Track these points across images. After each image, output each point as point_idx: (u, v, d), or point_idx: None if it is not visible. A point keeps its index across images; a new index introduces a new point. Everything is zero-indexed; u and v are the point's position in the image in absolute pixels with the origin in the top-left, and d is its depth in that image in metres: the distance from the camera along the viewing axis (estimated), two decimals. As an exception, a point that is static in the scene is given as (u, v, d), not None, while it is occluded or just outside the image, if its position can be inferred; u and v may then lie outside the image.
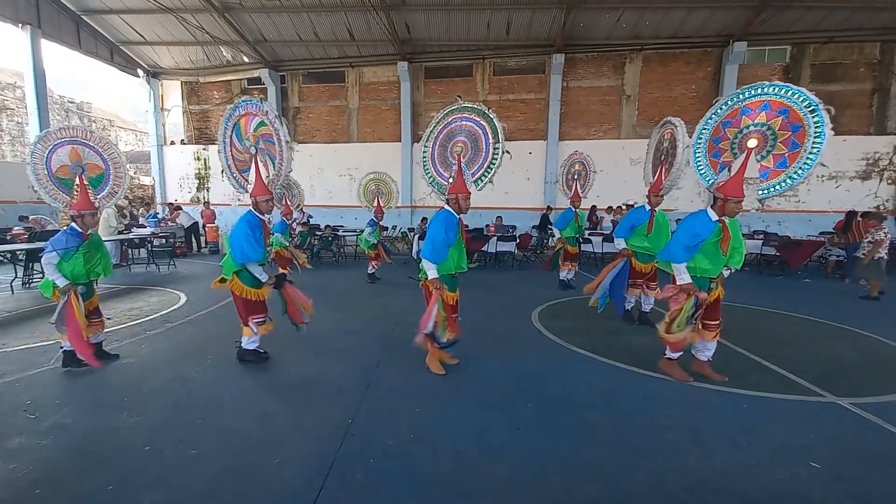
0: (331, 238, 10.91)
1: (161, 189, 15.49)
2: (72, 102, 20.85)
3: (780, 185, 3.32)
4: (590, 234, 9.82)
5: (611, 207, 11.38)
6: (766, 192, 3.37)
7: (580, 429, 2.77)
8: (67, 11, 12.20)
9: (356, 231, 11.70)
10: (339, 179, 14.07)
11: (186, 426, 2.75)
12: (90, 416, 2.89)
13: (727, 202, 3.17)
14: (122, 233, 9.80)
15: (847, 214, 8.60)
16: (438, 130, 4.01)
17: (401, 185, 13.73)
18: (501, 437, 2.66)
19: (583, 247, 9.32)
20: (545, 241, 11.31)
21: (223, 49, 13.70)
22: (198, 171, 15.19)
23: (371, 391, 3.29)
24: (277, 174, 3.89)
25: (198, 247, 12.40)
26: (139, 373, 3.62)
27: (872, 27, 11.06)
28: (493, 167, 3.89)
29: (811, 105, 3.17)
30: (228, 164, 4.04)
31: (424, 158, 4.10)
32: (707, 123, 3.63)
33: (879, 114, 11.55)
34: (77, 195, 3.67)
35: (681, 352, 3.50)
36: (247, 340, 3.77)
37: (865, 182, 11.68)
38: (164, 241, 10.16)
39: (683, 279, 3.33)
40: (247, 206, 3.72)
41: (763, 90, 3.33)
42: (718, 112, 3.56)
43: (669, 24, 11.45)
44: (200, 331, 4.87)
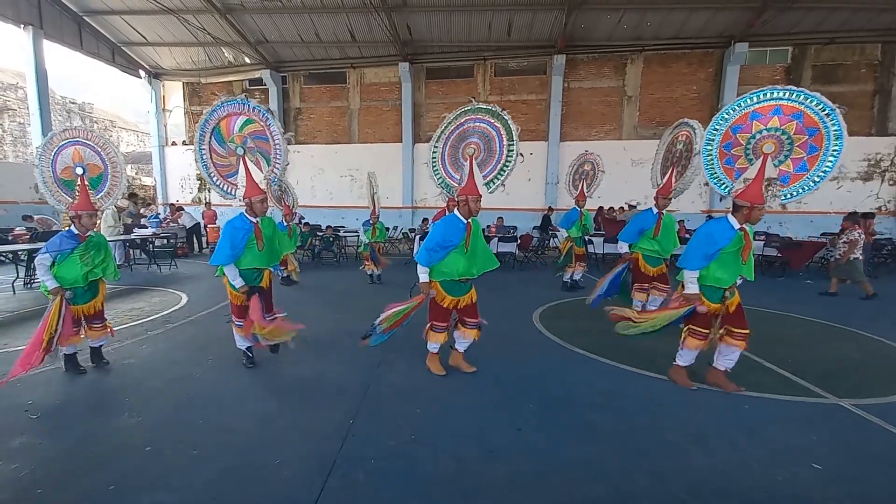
0: (332, 238, 10.92)
1: (162, 190, 15.53)
2: (73, 103, 20.92)
3: (803, 189, 3.24)
4: (593, 235, 9.79)
5: (612, 208, 11.38)
6: (788, 197, 3.28)
7: (581, 429, 2.77)
8: (69, 12, 12.25)
9: (357, 232, 11.74)
10: (340, 180, 14.11)
11: (187, 426, 2.76)
12: (91, 417, 2.89)
13: (753, 210, 3.06)
14: (125, 232, 9.82)
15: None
16: (450, 131, 3.85)
17: (401, 186, 13.81)
18: (502, 438, 2.66)
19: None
20: (546, 242, 11.31)
21: (225, 50, 13.74)
22: (199, 172, 15.22)
23: (372, 391, 3.29)
24: (273, 170, 3.79)
25: (199, 247, 12.42)
26: (140, 373, 3.63)
27: (873, 28, 11.06)
28: (507, 169, 3.76)
29: (825, 108, 3.10)
30: (209, 174, 3.91)
31: (434, 159, 3.94)
32: (715, 130, 3.50)
33: (881, 115, 11.55)
34: (78, 196, 3.63)
35: (692, 361, 3.39)
36: (237, 338, 3.74)
37: (867, 183, 11.68)
38: (166, 242, 10.17)
39: (691, 289, 3.23)
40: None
41: (773, 94, 3.24)
42: (726, 117, 3.43)
43: (671, 25, 11.46)
44: (201, 331, 4.87)
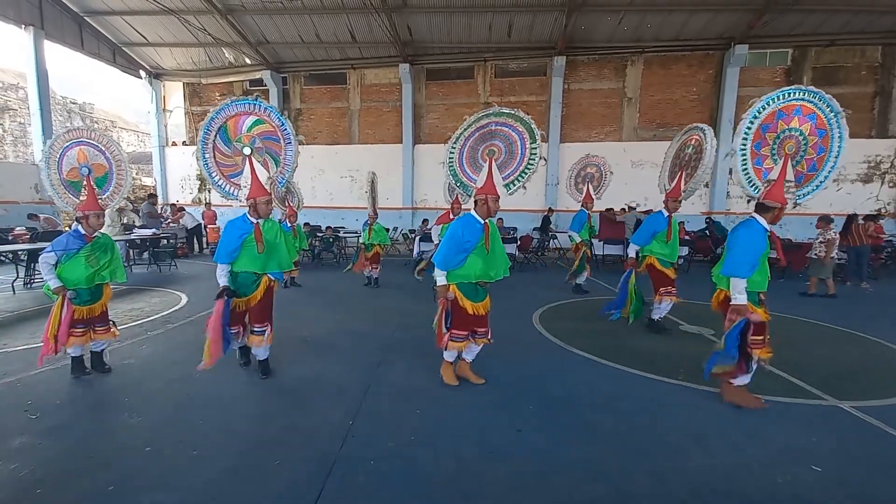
0: (332, 239, 10.92)
1: (163, 190, 15.54)
2: (74, 103, 20.95)
3: (814, 189, 3.29)
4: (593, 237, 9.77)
5: (611, 209, 11.37)
6: (803, 197, 3.30)
7: (581, 429, 2.77)
8: (70, 13, 12.26)
9: (357, 232, 11.73)
10: (341, 181, 14.11)
11: (187, 427, 2.75)
12: (91, 417, 2.89)
13: (781, 210, 3.04)
14: (126, 232, 9.82)
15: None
16: (470, 133, 3.69)
17: (402, 187, 13.81)
18: (502, 438, 2.65)
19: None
20: (546, 243, 11.31)
21: (225, 50, 13.76)
22: (199, 172, 15.18)
23: (371, 392, 3.29)
24: (282, 171, 3.78)
25: (199, 248, 12.42)
26: (140, 373, 3.63)
27: (874, 31, 11.08)
28: (529, 171, 3.66)
29: (834, 111, 3.17)
30: (210, 173, 3.81)
31: (451, 159, 3.77)
32: (748, 129, 3.41)
33: (881, 117, 11.56)
34: (85, 196, 3.62)
35: (750, 375, 3.15)
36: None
37: (867, 185, 11.69)
38: (166, 242, 10.17)
39: (740, 299, 3.01)
40: (247, 207, 3.53)
41: (796, 94, 3.25)
42: (758, 115, 3.36)
43: (671, 27, 11.47)
44: (201, 331, 4.85)
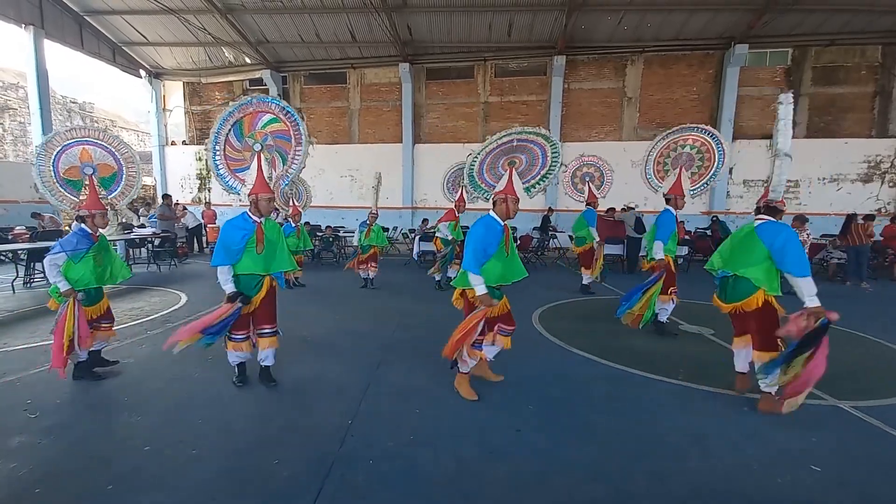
0: (331, 239, 10.92)
1: (162, 189, 15.53)
2: (74, 103, 20.94)
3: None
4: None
5: (613, 209, 11.36)
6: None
7: (581, 430, 2.77)
8: (70, 12, 12.25)
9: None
10: (341, 180, 14.10)
11: (186, 426, 2.75)
12: (90, 416, 2.89)
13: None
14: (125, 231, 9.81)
15: (847, 217, 8.60)
16: (491, 148, 3.55)
17: (401, 187, 13.81)
18: (502, 438, 2.65)
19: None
20: (546, 243, 11.31)
21: (225, 50, 13.75)
22: (199, 172, 15.24)
23: (371, 392, 3.28)
24: (286, 171, 3.74)
25: (199, 247, 12.42)
26: (139, 373, 3.62)
27: (874, 30, 11.07)
28: (551, 175, 3.66)
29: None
30: (217, 164, 3.67)
31: (472, 169, 3.69)
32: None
33: (881, 117, 11.55)
34: (87, 196, 3.58)
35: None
36: (229, 353, 3.35)
37: (867, 185, 11.67)
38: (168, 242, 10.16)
39: (815, 300, 2.69)
40: (247, 206, 3.52)
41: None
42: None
43: (671, 27, 11.46)
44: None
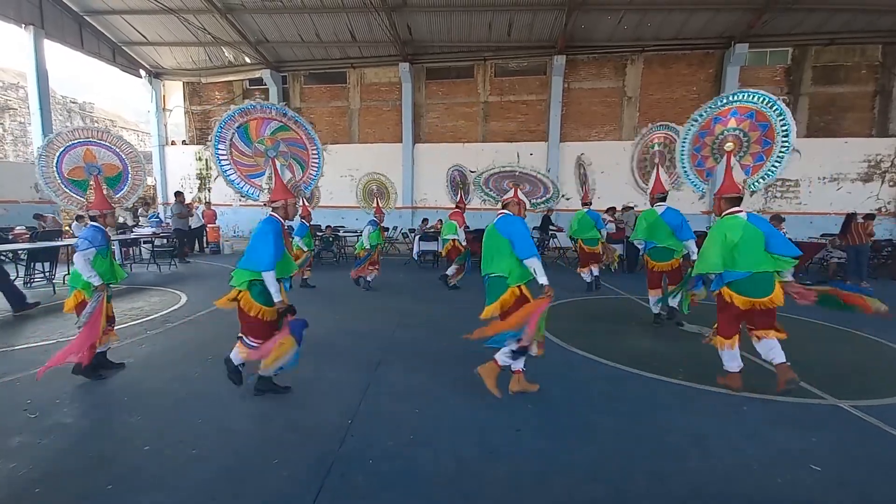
0: (331, 238, 10.92)
1: (163, 189, 15.52)
2: (74, 103, 20.93)
3: (767, 176, 3.59)
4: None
5: (613, 209, 11.36)
6: (753, 186, 3.62)
7: (580, 430, 2.77)
8: (70, 12, 12.25)
9: (357, 232, 11.72)
10: (340, 180, 14.06)
11: (186, 426, 2.75)
12: (90, 416, 2.89)
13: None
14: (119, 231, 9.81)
15: (847, 216, 8.60)
16: (495, 172, 3.71)
17: (401, 186, 13.79)
18: (502, 438, 2.65)
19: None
20: (546, 243, 11.30)
21: (225, 50, 13.74)
22: (199, 172, 15.22)
23: (371, 392, 3.29)
24: (309, 177, 3.77)
25: (200, 247, 12.42)
26: (139, 373, 3.63)
27: (874, 30, 11.05)
28: (552, 202, 3.87)
29: (770, 101, 3.48)
30: (225, 169, 3.54)
31: (478, 180, 3.88)
32: (685, 137, 3.93)
33: (881, 116, 11.53)
34: (94, 196, 3.62)
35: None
36: (235, 353, 3.22)
37: (867, 184, 11.66)
38: (165, 242, 10.17)
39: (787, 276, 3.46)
40: (248, 207, 3.53)
41: (730, 99, 3.65)
42: (694, 124, 3.86)
43: (671, 26, 11.45)
44: (200, 331, 4.87)
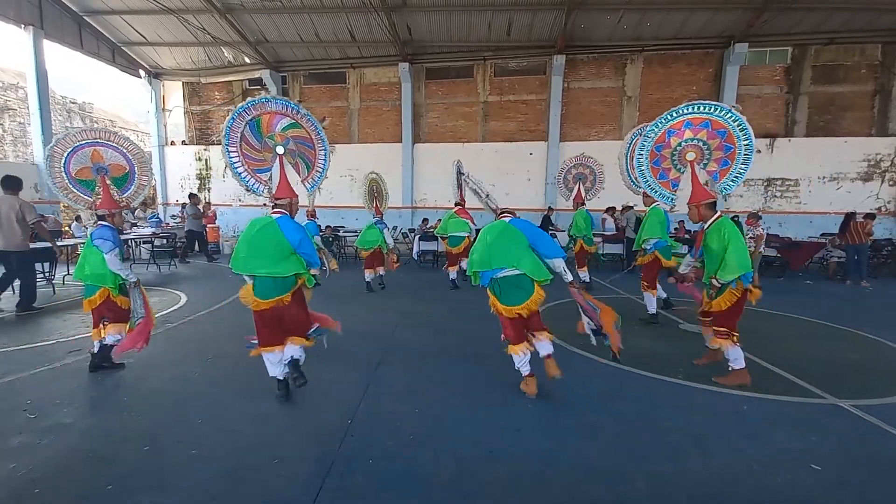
0: (331, 238, 10.92)
1: (162, 189, 15.50)
2: (74, 103, 20.87)
3: (735, 180, 3.69)
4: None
5: (613, 208, 11.36)
6: (725, 189, 3.73)
7: (580, 430, 2.77)
8: (70, 12, 12.23)
9: (357, 231, 11.71)
10: (340, 180, 14.05)
11: (186, 426, 2.75)
12: (90, 416, 2.89)
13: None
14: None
15: (846, 216, 8.61)
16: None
17: (401, 186, 13.79)
18: (501, 438, 2.65)
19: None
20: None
21: (224, 50, 13.73)
22: (199, 172, 15.20)
23: (371, 392, 3.29)
24: (312, 177, 3.78)
25: (200, 247, 12.40)
26: (139, 373, 3.62)
27: (874, 29, 11.04)
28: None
29: (723, 110, 3.59)
30: (234, 162, 3.44)
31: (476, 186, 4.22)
32: (640, 153, 3.98)
33: (881, 115, 11.53)
34: (100, 196, 3.65)
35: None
36: (296, 350, 3.18)
37: (867, 183, 11.65)
38: (165, 242, 10.18)
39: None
40: (248, 207, 3.52)
41: (682, 112, 3.73)
42: (648, 139, 3.93)
43: (670, 26, 11.44)
44: (200, 331, 4.87)
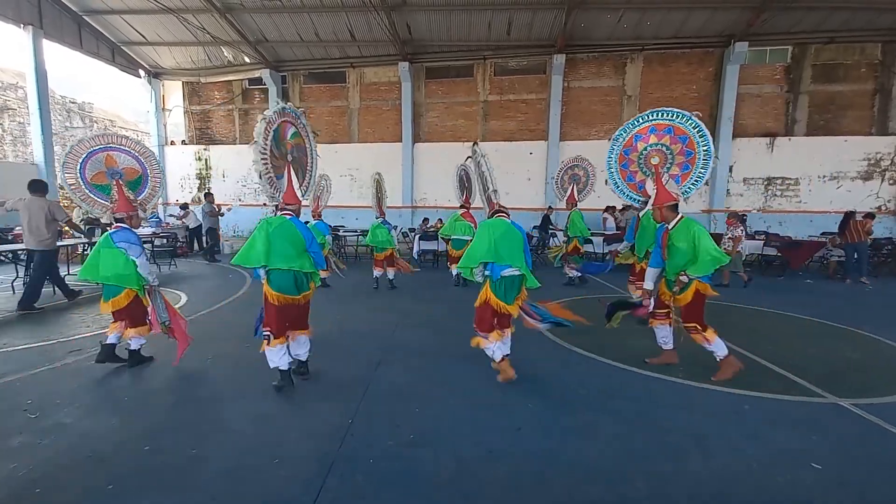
0: (332, 238, 10.90)
1: (162, 190, 15.53)
2: (73, 103, 20.85)
3: (696, 183, 3.84)
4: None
5: (613, 208, 11.36)
6: (687, 192, 3.84)
7: (580, 429, 2.77)
8: (69, 12, 12.23)
9: (357, 231, 11.71)
10: (340, 180, 14.05)
11: (186, 426, 2.75)
12: (90, 416, 2.89)
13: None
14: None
15: (845, 214, 8.61)
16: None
17: (401, 186, 13.79)
18: (501, 438, 2.65)
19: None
20: (546, 242, 11.30)
21: (224, 49, 13.73)
22: (199, 172, 15.21)
23: (371, 392, 3.28)
24: (305, 185, 3.85)
25: (199, 247, 12.41)
26: (139, 373, 3.62)
27: (874, 28, 11.05)
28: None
29: (684, 117, 3.76)
30: (265, 171, 3.34)
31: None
32: (611, 157, 4.17)
33: (881, 114, 11.54)
34: (116, 199, 3.78)
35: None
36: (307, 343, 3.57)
37: (867, 182, 11.66)
38: (165, 242, 10.18)
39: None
40: (247, 207, 3.56)
41: (647, 118, 3.91)
42: (616, 143, 4.09)
43: (670, 25, 11.44)
44: (200, 330, 4.85)
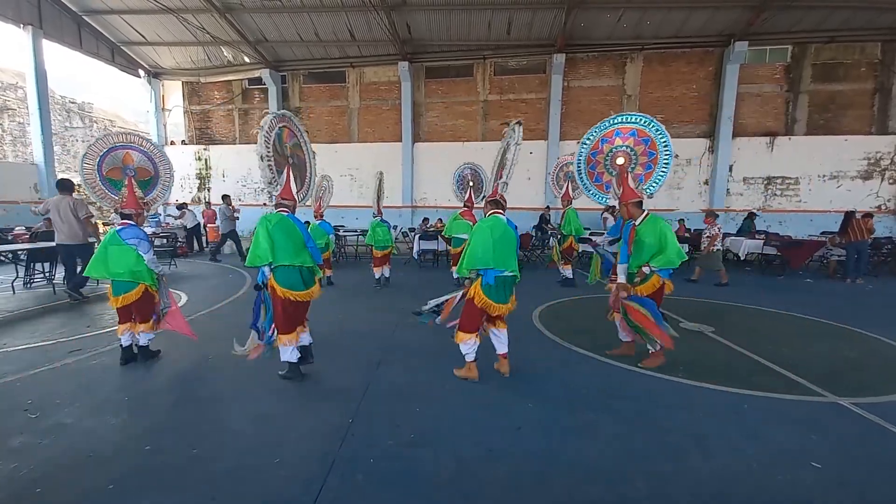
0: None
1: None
2: (73, 103, 20.87)
3: (656, 183, 4.01)
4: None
5: (613, 207, 11.34)
6: (649, 190, 4.01)
7: (580, 429, 2.77)
8: (69, 12, 12.23)
9: (357, 231, 11.71)
10: (340, 180, 14.05)
11: (186, 426, 2.76)
12: (91, 416, 2.89)
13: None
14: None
15: (846, 214, 8.60)
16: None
17: (401, 186, 13.80)
18: (502, 438, 2.65)
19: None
20: (547, 242, 11.30)
21: (224, 49, 13.73)
22: (199, 171, 15.21)
23: (371, 392, 3.29)
24: (303, 193, 3.93)
25: (199, 247, 12.41)
26: (139, 372, 3.63)
27: (874, 27, 11.05)
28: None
29: (647, 121, 3.95)
30: (270, 165, 3.41)
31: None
32: (580, 158, 4.34)
33: (881, 114, 11.54)
34: (125, 196, 3.85)
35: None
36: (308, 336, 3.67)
37: (867, 182, 11.67)
38: (165, 242, 10.18)
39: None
40: (247, 206, 3.59)
41: (611, 122, 4.09)
42: (585, 145, 4.29)
43: (670, 24, 11.44)
44: (201, 330, 4.85)
